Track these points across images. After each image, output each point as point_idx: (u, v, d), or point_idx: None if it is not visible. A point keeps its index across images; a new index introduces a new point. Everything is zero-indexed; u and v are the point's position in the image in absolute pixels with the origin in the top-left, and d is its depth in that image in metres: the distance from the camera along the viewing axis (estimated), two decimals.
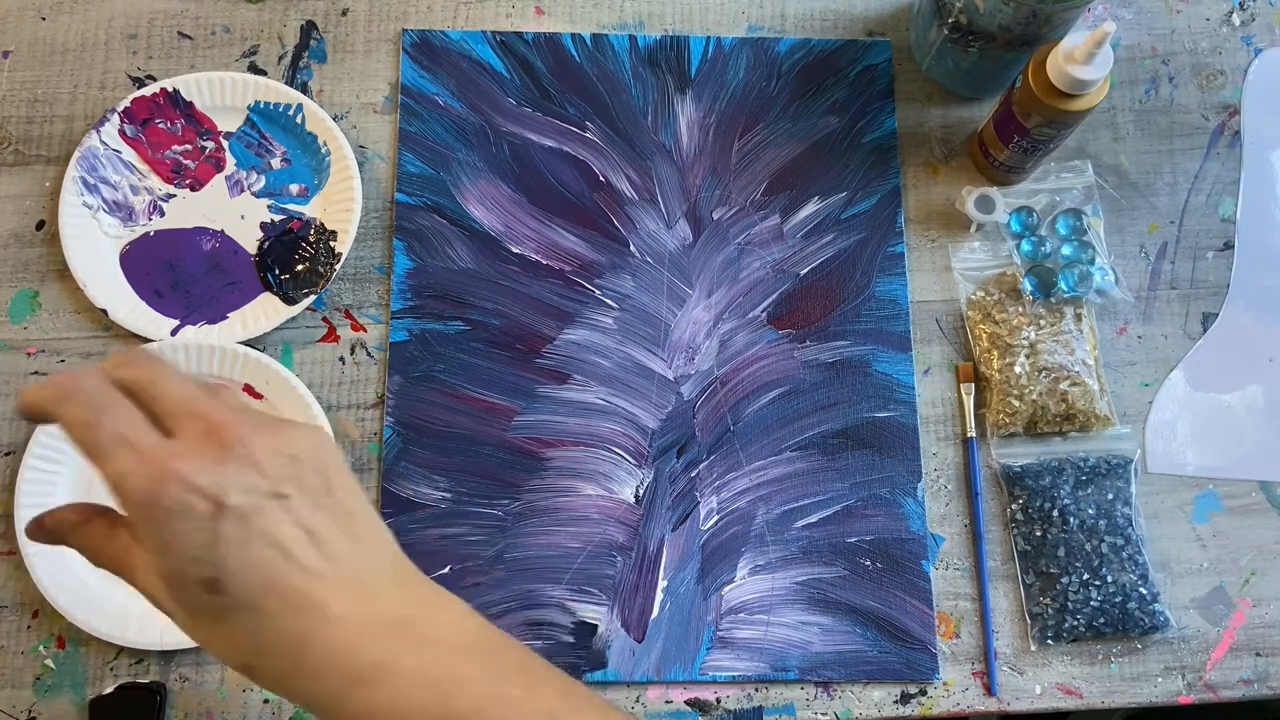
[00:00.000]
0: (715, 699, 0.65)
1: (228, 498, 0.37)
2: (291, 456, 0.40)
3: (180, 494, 0.37)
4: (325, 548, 0.40)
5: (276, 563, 0.38)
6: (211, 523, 0.37)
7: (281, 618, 0.38)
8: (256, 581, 0.38)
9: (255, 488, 0.38)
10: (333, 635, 0.39)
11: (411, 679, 0.39)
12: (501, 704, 0.40)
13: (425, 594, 0.42)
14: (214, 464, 0.38)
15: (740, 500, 0.68)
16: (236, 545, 0.38)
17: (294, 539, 0.39)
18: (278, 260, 0.70)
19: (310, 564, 0.39)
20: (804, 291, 0.72)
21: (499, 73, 0.75)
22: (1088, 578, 0.66)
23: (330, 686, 0.39)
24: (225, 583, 0.38)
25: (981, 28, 0.67)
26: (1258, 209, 0.75)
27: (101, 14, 0.75)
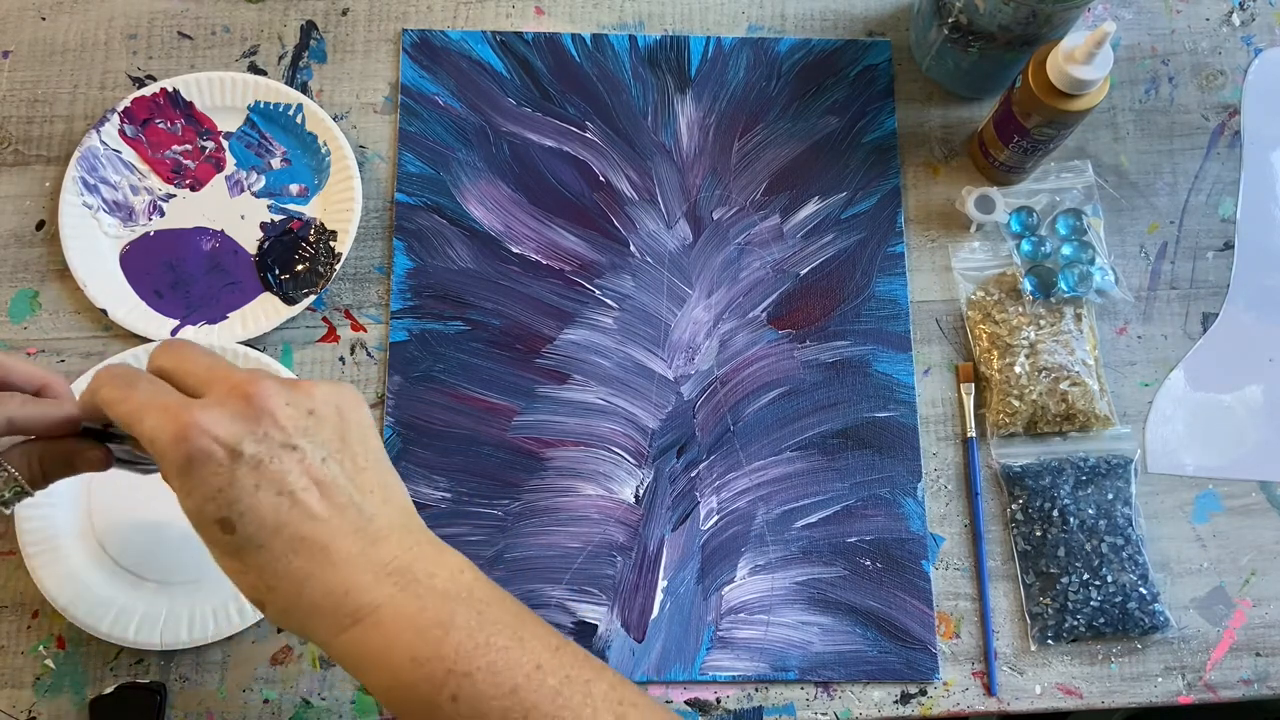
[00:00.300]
0: (715, 699, 0.65)
1: (243, 446, 0.41)
2: (309, 411, 0.43)
3: (201, 442, 0.41)
4: (331, 497, 0.43)
5: (284, 508, 0.42)
6: (227, 468, 0.41)
7: (286, 558, 0.42)
8: (265, 523, 0.42)
9: (269, 438, 0.42)
10: (332, 577, 0.42)
11: (403, 623, 0.42)
12: (489, 651, 0.42)
13: (427, 546, 0.45)
14: (232, 416, 0.42)
15: (740, 500, 0.68)
16: (249, 490, 0.41)
17: (303, 487, 0.42)
18: (278, 260, 0.70)
19: (315, 511, 0.42)
20: (804, 291, 0.72)
21: (499, 73, 0.75)
22: (1088, 578, 0.66)
23: (328, 624, 0.42)
24: (236, 523, 0.41)
25: (981, 28, 0.67)
26: (1258, 209, 0.75)
27: (101, 14, 0.75)
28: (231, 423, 0.42)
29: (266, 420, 0.42)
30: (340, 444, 0.44)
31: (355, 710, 0.64)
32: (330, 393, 0.45)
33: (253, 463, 0.42)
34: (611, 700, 0.43)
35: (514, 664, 0.42)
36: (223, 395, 0.43)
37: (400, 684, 0.42)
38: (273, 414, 0.42)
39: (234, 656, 0.64)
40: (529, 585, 0.66)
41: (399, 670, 0.42)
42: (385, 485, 0.45)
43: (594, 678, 0.43)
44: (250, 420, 0.42)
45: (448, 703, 0.42)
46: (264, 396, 0.43)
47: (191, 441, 0.41)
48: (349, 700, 0.64)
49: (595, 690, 0.43)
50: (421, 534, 0.46)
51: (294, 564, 0.42)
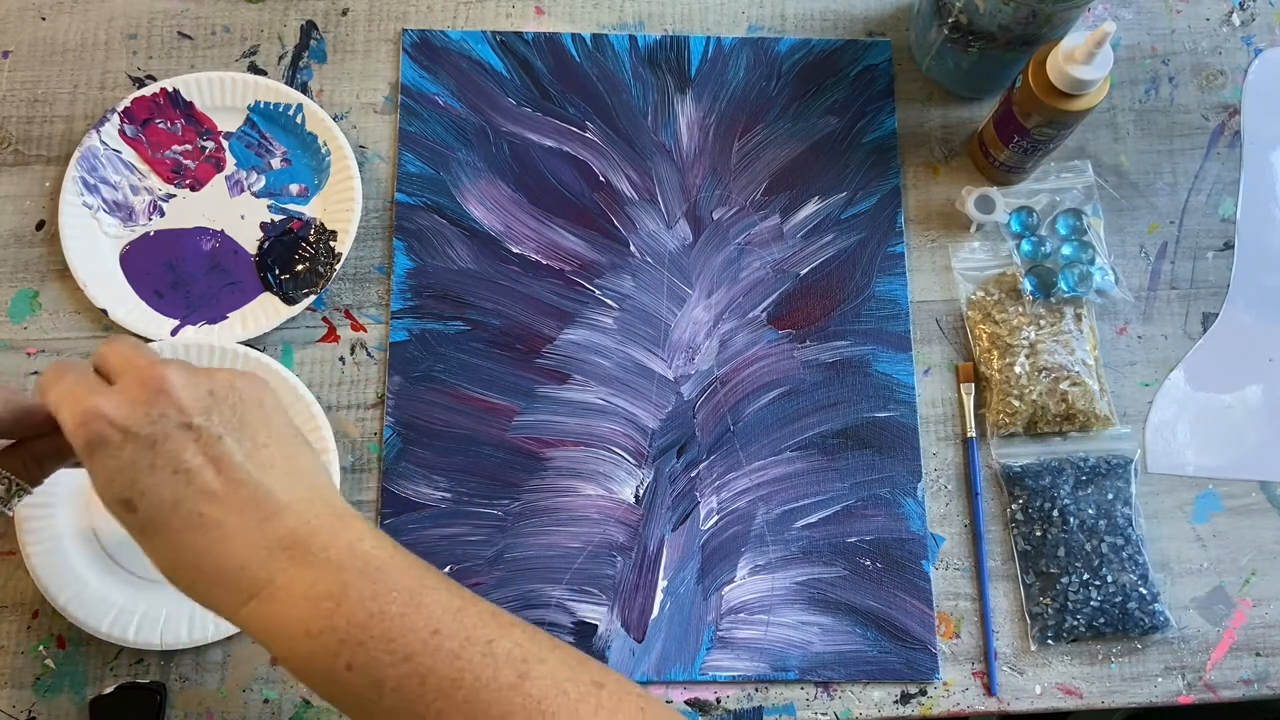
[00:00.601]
0: (715, 699, 0.65)
1: (138, 428, 0.43)
2: (209, 392, 0.45)
3: (96, 426, 0.43)
4: (228, 473, 0.44)
5: (180, 485, 0.43)
6: (124, 449, 0.43)
7: (185, 534, 0.43)
8: (163, 501, 0.43)
9: (165, 418, 0.44)
10: (228, 552, 0.44)
11: (296, 596, 0.43)
12: (382, 620, 0.43)
13: (327, 518, 0.45)
14: (131, 400, 0.44)
15: (740, 500, 0.68)
16: (144, 469, 0.43)
17: (198, 466, 0.44)
18: (278, 260, 0.70)
19: (211, 487, 0.44)
20: (804, 291, 0.72)
21: (499, 73, 0.75)
22: (1088, 578, 0.66)
23: (229, 598, 0.44)
24: (137, 502, 0.43)
25: (981, 28, 0.67)
26: (1258, 209, 0.75)
27: (101, 14, 0.75)
28: (129, 406, 0.43)
29: (163, 401, 0.44)
30: (239, 422, 0.45)
31: None
32: (232, 376, 0.47)
33: (147, 442, 0.43)
34: (515, 658, 0.43)
35: (408, 630, 0.43)
36: (127, 382, 0.45)
37: (298, 655, 0.43)
38: (169, 394, 0.44)
39: (234, 656, 0.64)
40: (529, 585, 0.66)
41: (295, 642, 0.43)
42: (288, 458, 0.46)
43: (498, 637, 0.43)
44: (146, 403, 0.44)
45: (343, 672, 0.42)
46: (162, 379, 0.44)
47: (89, 426, 0.43)
48: None
49: (498, 649, 0.43)
50: (325, 505, 0.46)
51: (193, 539, 0.43)
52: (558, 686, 0.42)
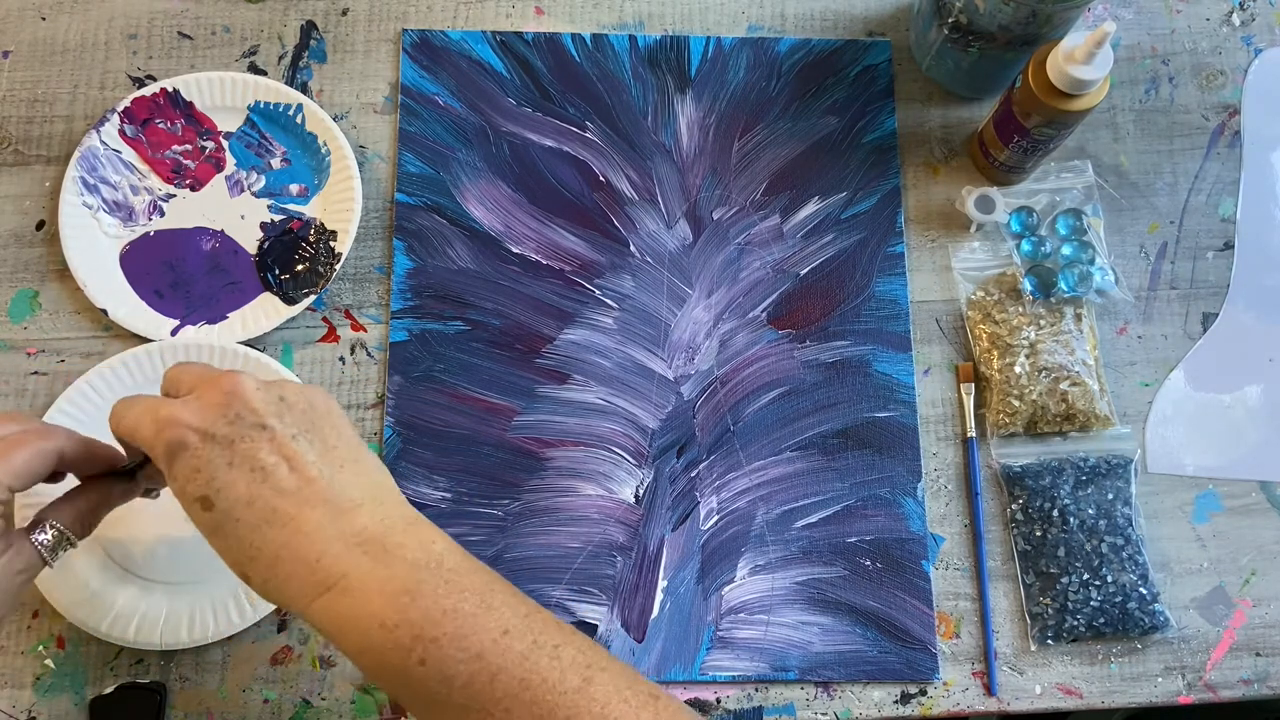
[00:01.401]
0: (715, 699, 0.65)
1: (215, 429, 0.45)
2: (280, 398, 0.47)
3: (175, 432, 0.45)
4: (301, 471, 0.46)
5: (255, 482, 0.45)
6: (202, 449, 0.45)
7: (260, 529, 0.45)
8: (239, 497, 0.45)
9: (241, 419, 0.46)
10: (303, 547, 0.45)
11: (371, 590, 0.44)
12: (455, 617, 0.44)
13: (398, 519, 0.47)
14: (207, 405, 0.46)
15: (740, 500, 0.68)
16: (222, 467, 0.45)
17: (273, 463, 0.45)
18: (278, 260, 0.70)
19: (285, 484, 0.45)
20: (804, 291, 0.72)
21: (499, 73, 0.75)
22: (1088, 578, 0.66)
23: (303, 591, 0.45)
24: (214, 499, 0.45)
25: (981, 28, 0.67)
26: (1258, 209, 0.75)
27: (101, 14, 0.75)
28: (205, 411, 0.46)
29: (238, 404, 0.46)
30: (310, 425, 0.47)
31: (355, 710, 0.64)
32: (301, 387, 0.49)
33: (225, 442, 0.45)
34: (580, 664, 0.44)
35: (480, 629, 0.44)
36: (202, 390, 0.47)
37: (370, 648, 0.44)
38: (244, 398, 0.46)
39: (234, 656, 0.64)
40: (529, 585, 0.66)
41: (368, 635, 0.44)
42: (357, 461, 0.48)
43: (563, 642, 0.45)
44: (223, 406, 0.46)
45: (416, 666, 0.43)
46: (236, 384, 0.47)
47: (169, 431, 0.45)
48: (349, 700, 0.64)
49: (564, 654, 0.44)
50: (395, 508, 0.48)
51: (268, 534, 0.45)
52: (619, 694, 0.44)
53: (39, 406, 0.67)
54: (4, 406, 0.68)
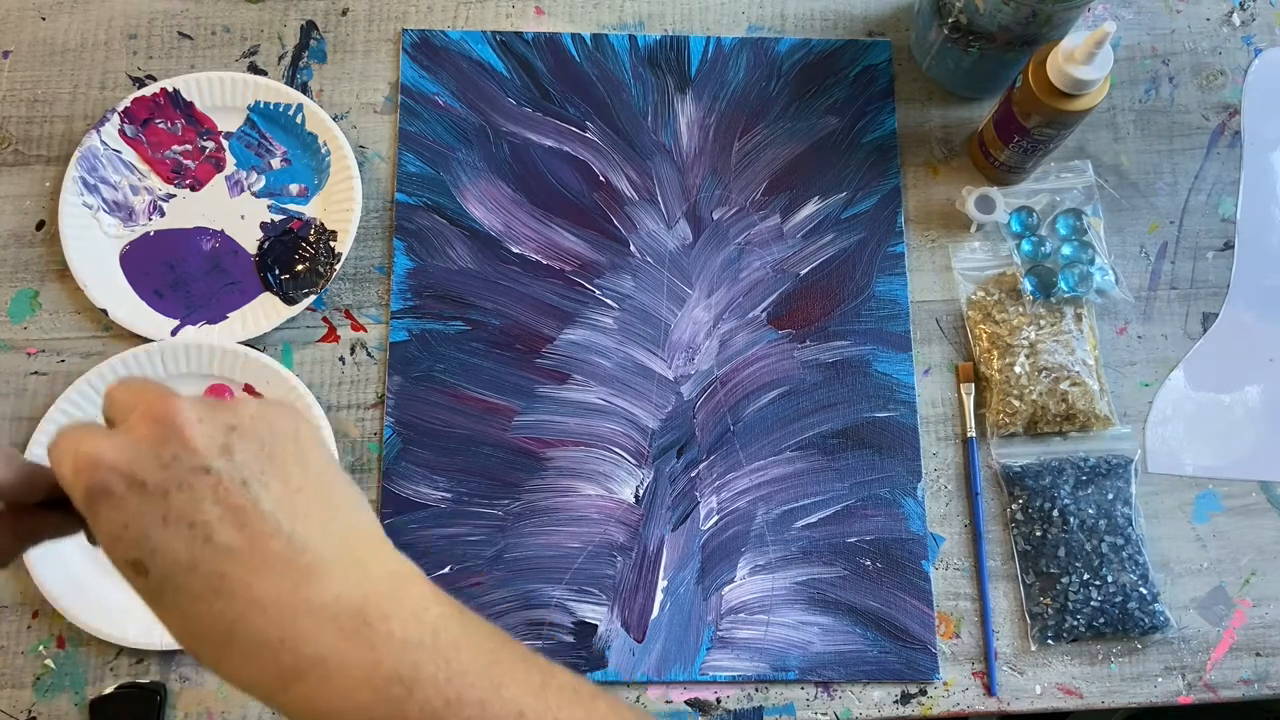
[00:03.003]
0: (715, 699, 0.65)
1: (145, 474, 0.36)
2: (229, 427, 0.37)
3: (97, 475, 0.36)
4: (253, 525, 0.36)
5: (196, 542, 0.36)
6: (129, 500, 0.36)
7: (206, 600, 0.36)
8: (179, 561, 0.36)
9: (178, 461, 0.36)
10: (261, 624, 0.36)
11: (355, 679, 0.36)
12: (461, 708, 0.37)
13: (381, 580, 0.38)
14: (136, 441, 0.36)
15: (740, 500, 0.68)
16: (155, 523, 0.36)
17: (216, 517, 0.36)
18: (278, 260, 0.70)
19: (231, 544, 0.36)
20: (804, 291, 0.72)
21: (499, 73, 0.75)
22: (1088, 578, 0.66)
23: (267, 678, 0.36)
24: (148, 563, 0.36)
25: (981, 28, 0.67)
26: (1258, 209, 0.75)
27: (101, 14, 0.75)
28: (134, 448, 0.36)
29: (174, 441, 0.36)
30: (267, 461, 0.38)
31: None
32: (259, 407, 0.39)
33: (158, 491, 0.36)
34: None
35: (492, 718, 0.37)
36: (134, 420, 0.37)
37: None
38: (181, 432, 0.36)
39: None
40: (529, 585, 0.66)
41: None
42: (327, 504, 0.39)
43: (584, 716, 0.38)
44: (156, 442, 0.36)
45: None
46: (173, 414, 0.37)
47: (87, 474, 0.36)
48: None
49: None
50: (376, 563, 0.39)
51: (216, 607, 0.36)
52: None
53: (39, 406, 0.67)
54: (4, 407, 0.68)
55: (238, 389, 0.67)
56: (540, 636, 0.65)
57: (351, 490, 0.40)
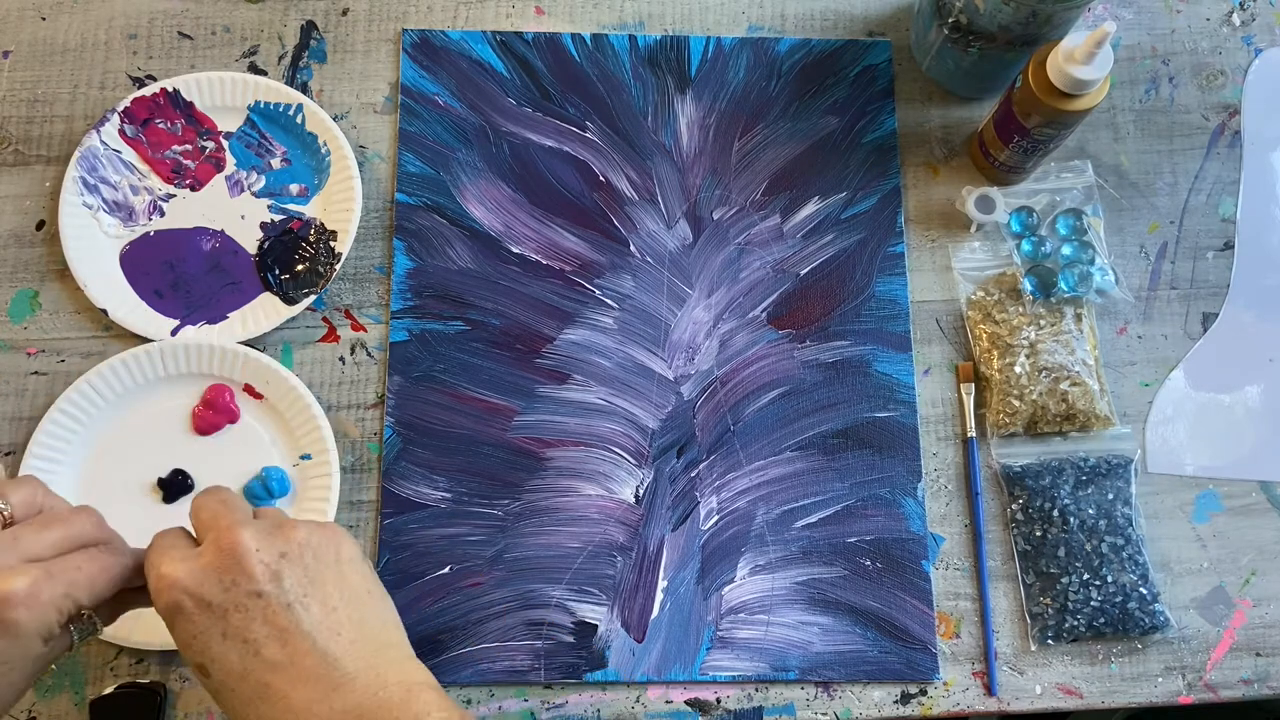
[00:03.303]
0: (715, 699, 0.65)
1: (211, 596, 0.46)
2: (281, 554, 0.47)
3: (173, 595, 0.46)
4: (294, 644, 0.46)
5: (246, 656, 0.45)
6: (197, 617, 0.46)
7: (254, 704, 0.45)
8: (232, 670, 0.45)
9: (236, 586, 0.46)
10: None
11: None
12: None
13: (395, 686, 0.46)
14: (204, 569, 0.46)
15: (740, 500, 0.68)
16: (216, 638, 0.45)
17: (264, 636, 0.45)
18: (278, 260, 0.70)
19: (276, 659, 0.45)
20: (804, 291, 0.72)
21: (499, 73, 0.75)
22: (1088, 578, 0.66)
23: None
24: (209, 668, 0.46)
25: (981, 28, 0.67)
26: (1258, 209, 0.75)
27: (101, 14, 0.75)
28: (203, 575, 0.46)
29: (235, 569, 0.46)
30: (309, 585, 0.47)
31: None
32: (308, 532, 0.48)
33: (219, 611, 0.45)
34: None
35: None
36: (206, 546, 0.47)
37: None
38: (241, 562, 0.46)
39: None
40: (529, 585, 0.66)
41: None
42: (358, 624, 0.47)
43: None
44: (221, 570, 0.46)
45: None
46: (235, 545, 0.46)
47: (165, 595, 0.46)
48: None
49: None
50: (394, 673, 0.47)
51: (260, 709, 0.45)
52: None
53: (39, 406, 0.67)
54: (4, 407, 0.68)
55: (238, 389, 0.67)
56: (540, 636, 0.65)
57: (383, 605, 0.49)
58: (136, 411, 0.67)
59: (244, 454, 0.67)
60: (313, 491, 0.66)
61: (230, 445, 0.67)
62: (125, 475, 0.66)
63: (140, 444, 0.67)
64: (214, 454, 0.67)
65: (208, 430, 0.67)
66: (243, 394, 0.67)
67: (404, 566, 0.65)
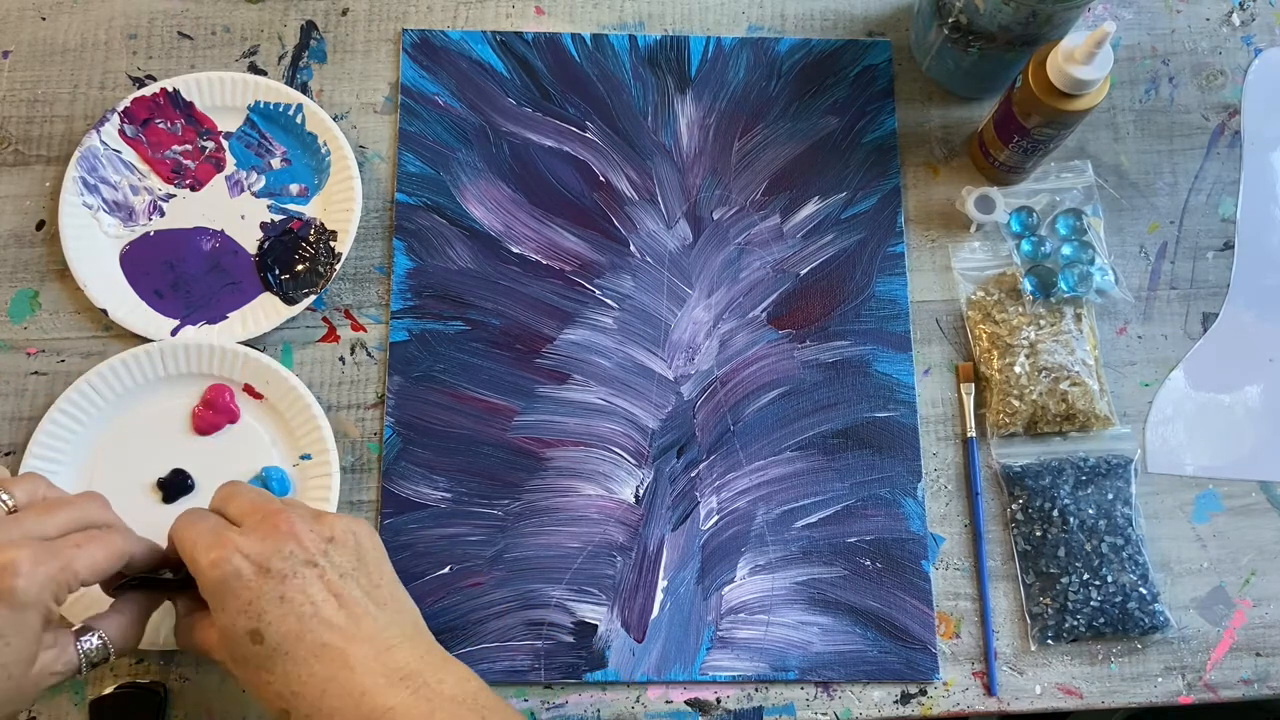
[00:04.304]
0: (715, 699, 0.65)
1: (270, 563, 0.49)
2: (329, 538, 0.51)
3: (232, 560, 0.48)
4: (349, 608, 0.49)
5: (306, 617, 0.48)
6: (255, 582, 0.48)
7: (308, 664, 0.48)
8: (289, 631, 0.48)
9: (293, 555, 0.49)
10: (351, 681, 0.47)
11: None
12: None
13: (436, 656, 0.51)
14: (261, 538, 0.49)
15: (740, 500, 0.68)
16: (274, 601, 0.48)
17: (322, 599, 0.49)
18: (278, 260, 0.70)
19: (334, 620, 0.49)
20: (804, 291, 0.72)
21: (499, 73, 0.75)
22: (1088, 578, 0.66)
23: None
24: (264, 632, 0.48)
25: (981, 28, 0.67)
26: (1258, 209, 0.75)
27: (101, 14, 0.75)
28: (260, 543, 0.49)
29: (291, 541, 0.49)
30: (355, 563, 0.51)
31: None
32: (348, 522, 0.53)
33: (278, 576, 0.48)
34: None
35: None
36: (255, 523, 0.50)
37: None
38: (297, 536, 0.50)
39: None
40: (529, 585, 0.66)
41: None
42: (397, 599, 0.52)
43: None
44: (277, 541, 0.49)
45: None
46: (289, 522, 0.50)
47: (226, 561, 0.48)
48: None
49: None
50: (431, 645, 0.52)
51: (315, 669, 0.48)
52: None
53: (39, 406, 0.67)
54: (4, 407, 0.68)
55: (238, 389, 0.67)
56: (540, 636, 0.65)
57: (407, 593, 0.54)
58: (136, 411, 0.67)
59: (244, 454, 0.67)
60: (313, 492, 0.66)
61: (230, 445, 0.67)
62: (125, 475, 0.66)
63: (140, 444, 0.67)
64: (214, 454, 0.67)
65: (208, 430, 0.67)
66: (243, 394, 0.67)
67: (404, 566, 0.65)
